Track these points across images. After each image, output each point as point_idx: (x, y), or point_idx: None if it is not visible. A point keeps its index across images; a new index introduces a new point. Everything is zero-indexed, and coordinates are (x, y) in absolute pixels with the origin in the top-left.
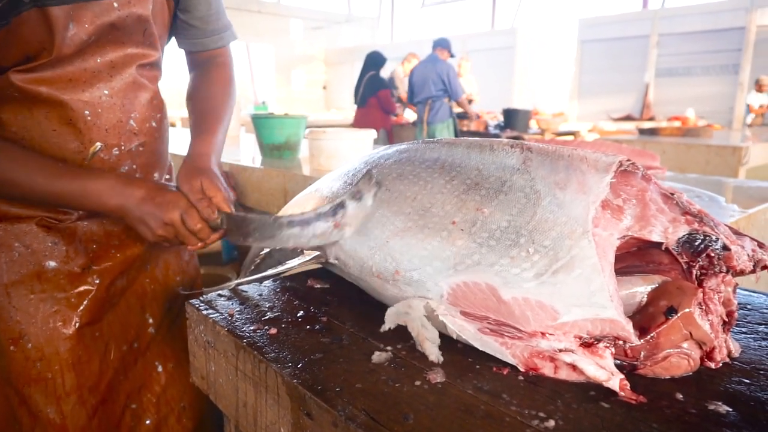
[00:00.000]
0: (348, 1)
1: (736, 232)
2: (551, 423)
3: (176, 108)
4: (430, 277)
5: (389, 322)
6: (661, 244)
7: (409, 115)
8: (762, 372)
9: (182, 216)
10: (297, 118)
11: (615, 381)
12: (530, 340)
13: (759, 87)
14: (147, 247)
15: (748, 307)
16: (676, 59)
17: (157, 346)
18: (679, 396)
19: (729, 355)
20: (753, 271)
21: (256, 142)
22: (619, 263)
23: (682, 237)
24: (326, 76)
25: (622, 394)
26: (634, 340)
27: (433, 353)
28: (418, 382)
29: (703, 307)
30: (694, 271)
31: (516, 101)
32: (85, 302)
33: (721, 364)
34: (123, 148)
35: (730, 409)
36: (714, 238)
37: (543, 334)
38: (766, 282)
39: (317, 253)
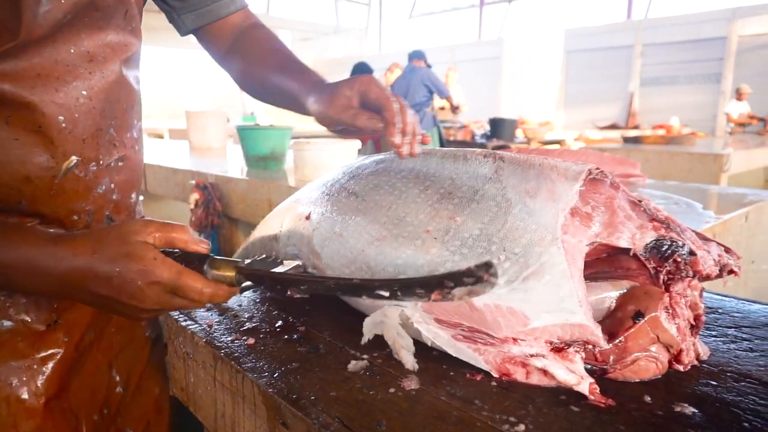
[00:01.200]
0: (336, 12)
1: (703, 238)
2: (521, 427)
3: (164, 119)
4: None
5: (367, 332)
6: (629, 250)
7: None
8: (729, 374)
9: (174, 292)
10: (282, 129)
11: (585, 385)
12: (502, 346)
13: (739, 95)
14: None
15: (720, 311)
16: (660, 68)
17: (126, 409)
18: (647, 398)
19: (697, 357)
20: (719, 276)
21: (242, 153)
22: (589, 269)
23: (650, 243)
24: None
25: (592, 397)
26: (603, 344)
27: (409, 361)
28: (392, 390)
29: (670, 311)
30: (662, 276)
31: (503, 111)
32: (50, 367)
33: (689, 367)
34: (101, 162)
35: (696, 411)
36: (680, 243)
37: (515, 340)
38: (741, 286)
39: (297, 263)
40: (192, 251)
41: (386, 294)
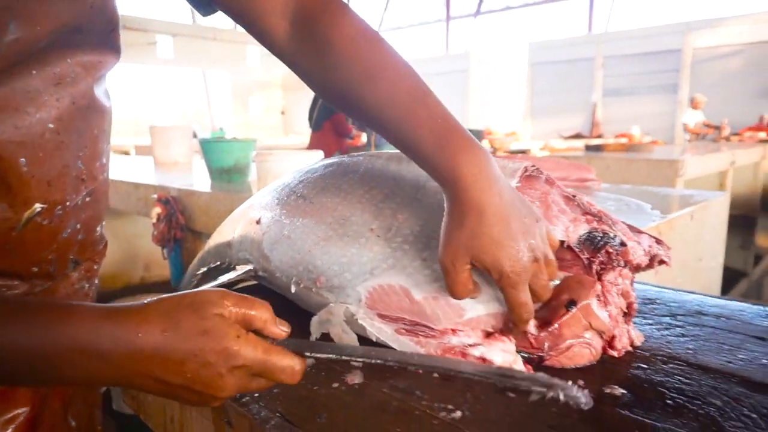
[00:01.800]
0: None
1: (635, 230)
2: (458, 414)
3: (131, 135)
4: (349, 282)
5: (314, 331)
6: (563, 242)
7: (365, 137)
8: (659, 357)
9: (259, 374)
10: (245, 141)
11: (519, 363)
12: (442, 337)
13: (694, 104)
14: None
15: (657, 301)
16: (620, 80)
17: None
18: (581, 383)
19: (631, 344)
20: (650, 266)
21: (205, 166)
22: None
23: (583, 235)
24: (284, 102)
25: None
26: (533, 331)
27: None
28: (336, 384)
29: (602, 299)
30: (594, 266)
31: (471, 122)
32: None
33: (623, 353)
34: (68, 204)
35: (625, 392)
36: (612, 235)
37: (453, 331)
38: (690, 282)
39: (248, 267)
40: (268, 335)
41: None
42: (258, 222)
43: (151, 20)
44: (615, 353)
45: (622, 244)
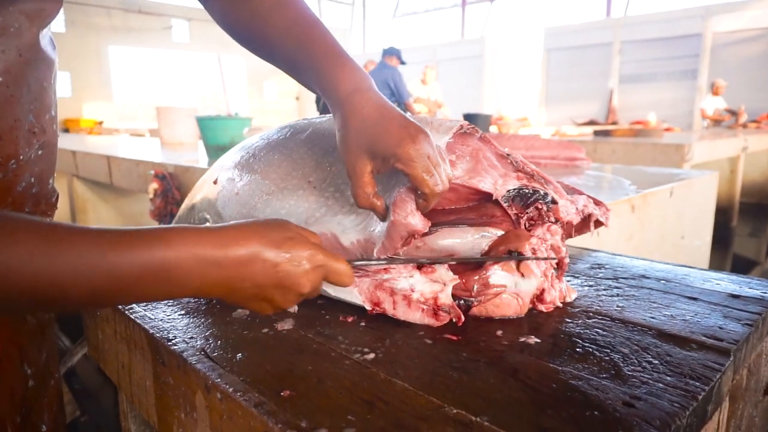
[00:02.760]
0: (319, 11)
1: (572, 190)
2: (371, 356)
3: (150, 120)
4: None
5: None
6: (496, 201)
7: None
8: (586, 313)
9: (327, 276)
10: (241, 119)
11: (448, 289)
12: (375, 275)
13: (715, 90)
14: None
15: (606, 266)
16: (638, 66)
17: (37, 403)
18: (499, 332)
19: (563, 300)
20: (586, 226)
21: (203, 143)
22: (454, 215)
23: (513, 190)
24: (299, 87)
25: (449, 309)
26: (418, 224)
27: None
28: (265, 330)
29: (533, 253)
30: (522, 222)
31: (485, 108)
32: None
33: (552, 308)
34: (22, 158)
35: (539, 341)
36: (542, 192)
37: (386, 269)
38: (673, 260)
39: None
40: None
41: None
42: (215, 182)
43: (166, 4)
44: (543, 308)
45: (553, 201)
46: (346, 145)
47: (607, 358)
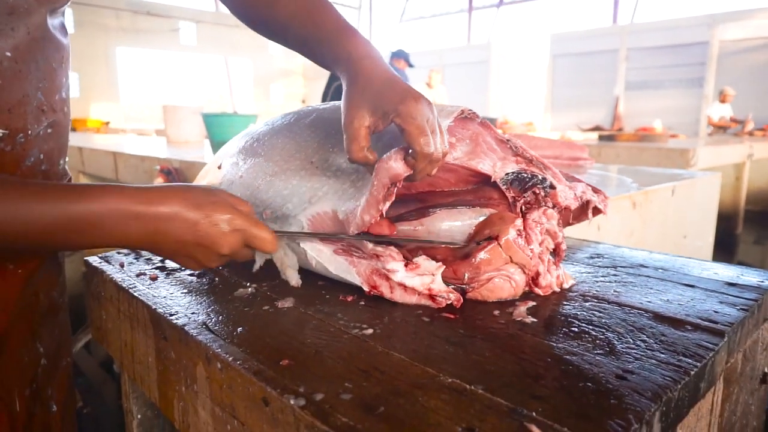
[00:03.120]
0: None
1: (572, 178)
2: (370, 331)
3: (157, 122)
4: (291, 212)
5: (259, 259)
6: (494, 184)
7: None
8: (583, 297)
9: (246, 241)
10: (246, 116)
11: (438, 279)
12: (371, 260)
13: (723, 97)
14: (47, 258)
15: (605, 256)
16: (644, 73)
17: (49, 382)
18: (496, 312)
19: (560, 285)
20: (584, 213)
21: (208, 140)
22: (453, 197)
23: (511, 174)
24: (305, 90)
25: (446, 295)
26: (401, 168)
27: (293, 278)
28: (266, 307)
29: (523, 235)
30: (519, 205)
31: (491, 113)
32: None
33: (549, 292)
34: (30, 132)
35: (535, 320)
36: (541, 177)
37: (377, 256)
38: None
39: None
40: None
41: None
42: (219, 167)
43: (174, 7)
44: (540, 291)
45: (551, 186)
46: (349, 100)
47: (602, 336)
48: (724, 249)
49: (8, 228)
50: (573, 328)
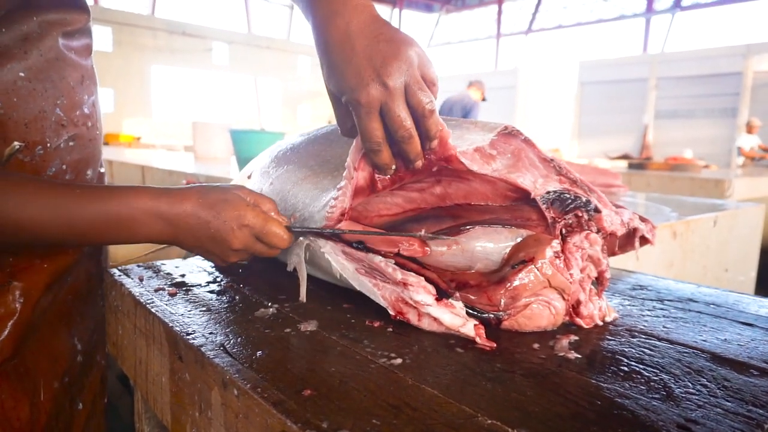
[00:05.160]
0: None
1: (619, 206)
2: (399, 361)
3: (188, 139)
4: (317, 212)
5: (290, 265)
6: (533, 203)
7: None
8: (630, 332)
9: (258, 236)
10: (274, 133)
11: (469, 325)
12: (396, 287)
13: (749, 128)
14: (79, 255)
15: (648, 288)
16: (674, 102)
17: (80, 380)
18: (536, 346)
19: (602, 318)
20: (631, 243)
21: (235, 156)
22: (488, 214)
23: (553, 193)
24: (331, 111)
25: (478, 340)
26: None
27: (301, 292)
28: (288, 330)
29: (561, 257)
30: (559, 227)
31: None
32: (7, 329)
33: (592, 324)
34: (49, 145)
35: (579, 356)
36: (585, 200)
37: (405, 284)
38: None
39: None
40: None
41: None
42: (249, 177)
43: (208, 28)
44: (582, 323)
45: (597, 210)
46: (323, 76)
47: (656, 378)
48: (766, 285)
49: (53, 227)
50: (622, 367)
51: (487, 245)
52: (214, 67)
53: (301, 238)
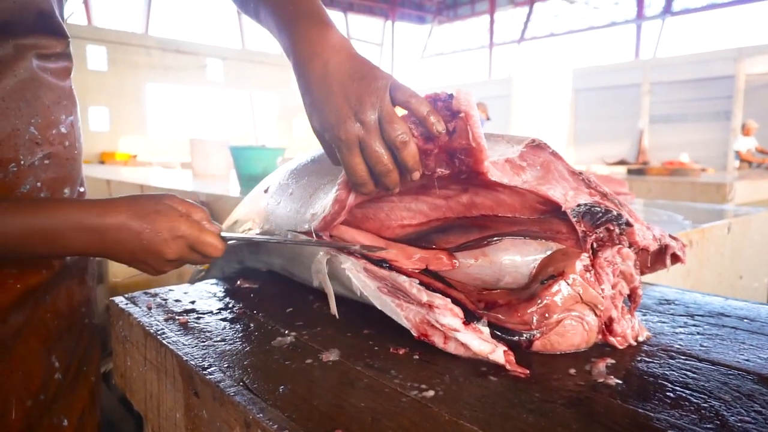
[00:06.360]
0: None
1: (648, 225)
2: (431, 393)
3: (184, 156)
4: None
5: (315, 279)
6: (563, 216)
7: None
8: (667, 353)
9: (193, 246)
10: (274, 149)
11: (499, 352)
12: (421, 308)
13: (746, 130)
14: (53, 275)
15: (676, 302)
16: (668, 106)
17: (63, 397)
18: (572, 371)
19: (636, 338)
20: (662, 260)
21: (235, 173)
22: (517, 226)
23: (583, 206)
24: None
25: (509, 367)
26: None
27: (332, 308)
28: (309, 360)
29: (591, 271)
30: (590, 241)
31: None
32: None
33: (625, 344)
34: (23, 162)
35: (621, 382)
36: (616, 213)
37: (431, 306)
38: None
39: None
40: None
41: None
42: (266, 191)
43: (201, 44)
44: (616, 342)
45: (628, 224)
46: (306, 114)
47: (705, 404)
48: None
49: None
50: (668, 393)
51: (516, 258)
52: (209, 83)
53: (321, 253)
